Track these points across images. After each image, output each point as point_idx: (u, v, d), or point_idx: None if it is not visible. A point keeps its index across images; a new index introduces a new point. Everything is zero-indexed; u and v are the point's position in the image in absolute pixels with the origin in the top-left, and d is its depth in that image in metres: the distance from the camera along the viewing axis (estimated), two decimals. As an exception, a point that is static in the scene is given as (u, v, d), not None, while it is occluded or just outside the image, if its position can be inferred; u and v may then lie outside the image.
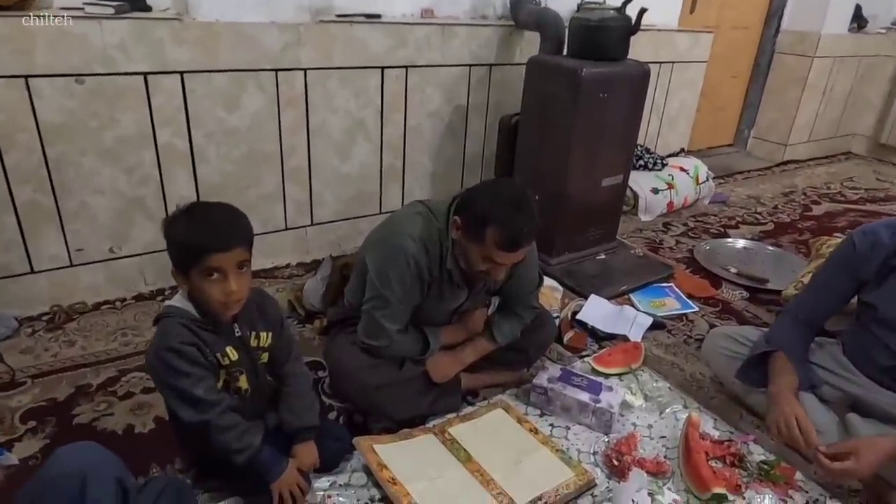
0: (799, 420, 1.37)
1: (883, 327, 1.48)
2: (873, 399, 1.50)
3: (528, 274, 1.57)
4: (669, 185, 3.14)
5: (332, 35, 2.16)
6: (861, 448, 1.28)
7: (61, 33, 1.72)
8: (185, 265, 1.12)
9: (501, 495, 1.31)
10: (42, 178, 1.84)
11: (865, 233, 1.54)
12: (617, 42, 2.18)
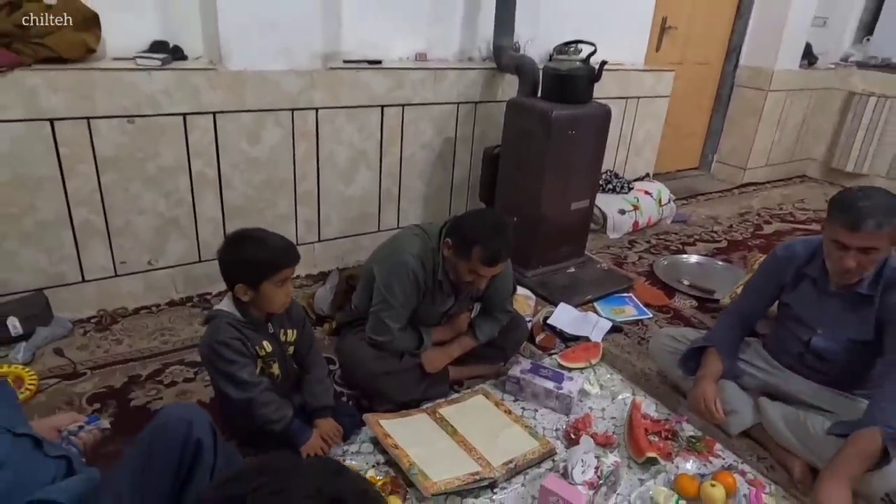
0: (707, 400, 1.75)
1: (795, 322, 1.86)
2: (784, 386, 1.88)
3: (504, 284, 1.93)
4: (635, 206, 3.53)
5: (340, 79, 2.53)
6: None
7: (117, 81, 2.07)
8: (259, 278, 1.46)
9: (481, 460, 1.66)
10: (96, 201, 2.17)
11: (785, 247, 1.93)
12: (582, 88, 2.57)
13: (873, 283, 1.70)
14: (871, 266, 1.66)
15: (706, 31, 4.41)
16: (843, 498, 1.42)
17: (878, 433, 1.51)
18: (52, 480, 1.11)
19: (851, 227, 1.59)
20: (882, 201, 1.62)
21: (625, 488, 1.64)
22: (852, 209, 1.60)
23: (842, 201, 1.65)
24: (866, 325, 1.72)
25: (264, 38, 2.28)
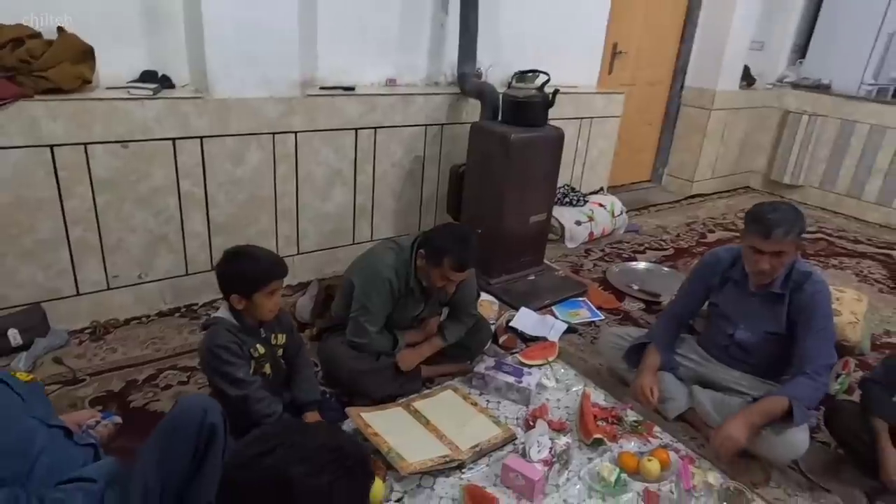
0: (643, 388, 2.03)
1: (722, 319, 2.15)
2: (714, 375, 2.17)
3: (469, 290, 2.17)
4: (590, 217, 3.83)
5: (317, 105, 2.75)
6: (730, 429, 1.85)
7: (112, 109, 2.25)
8: (252, 289, 1.67)
9: (451, 445, 1.88)
10: (91, 220, 2.34)
11: (711, 254, 2.24)
12: (538, 113, 2.85)
13: (784, 284, 2.00)
14: (781, 268, 1.95)
15: (654, 56, 4.78)
16: (736, 430, 1.78)
17: (786, 400, 1.81)
18: (82, 464, 1.31)
19: (764, 235, 1.89)
20: (788, 214, 1.93)
21: (575, 465, 1.89)
22: (764, 221, 1.90)
23: (755, 214, 1.95)
24: (779, 319, 2.02)
25: (247, 69, 2.49)
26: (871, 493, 1.91)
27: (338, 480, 0.87)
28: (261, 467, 0.85)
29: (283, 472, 0.84)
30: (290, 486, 0.83)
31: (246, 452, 0.91)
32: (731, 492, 1.82)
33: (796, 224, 1.91)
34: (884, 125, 4.77)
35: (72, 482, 1.22)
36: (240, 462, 0.90)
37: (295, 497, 0.84)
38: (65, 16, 2.21)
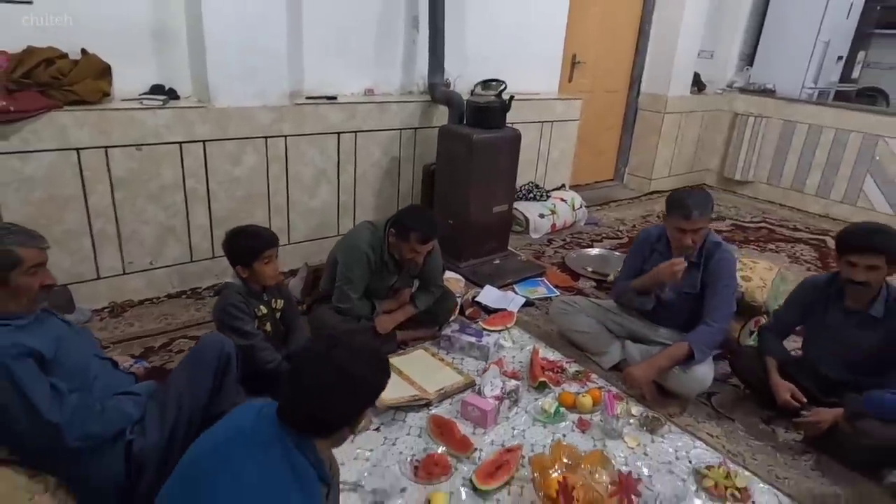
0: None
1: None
2: (642, 331, 2.58)
3: (435, 264, 2.58)
4: (552, 211, 4.25)
5: (304, 112, 3.15)
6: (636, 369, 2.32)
7: (128, 118, 2.64)
8: (251, 259, 2.05)
9: (420, 389, 2.27)
10: (110, 214, 2.71)
11: (643, 231, 2.66)
12: (497, 117, 3.27)
13: (699, 254, 2.42)
14: (699, 241, 2.37)
15: (612, 65, 5.24)
16: (644, 371, 2.24)
17: (686, 345, 2.23)
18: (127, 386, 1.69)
19: (686, 217, 2.31)
20: (701, 198, 2.36)
21: (523, 403, 2.29)
22: (684, 205, 2.32)
23: (676, 201, 2.36)
24: (695, 282, 2.44)
25: (243, 82, 2.89)
26: (767, 419, 2.33)
27: (377, 372, 1.21)
28: (328, 361, 1.13)
29: (346, 366, 1.12)
30: (351, 377, 1.13)
31: (314, 348, 1.24)
32: (649, 419, 2.23)
33: (708, 205, 2.34)
34: (820, 125, 5.26)
35: (122, 395, 1.60)
36: (308, 356, 1.20)
37: (355, 383, 1.14)
38: (87, 39, 2.60)
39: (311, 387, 1.10)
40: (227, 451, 1.08)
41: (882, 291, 2.07)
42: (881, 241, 1.98)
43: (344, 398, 1.12)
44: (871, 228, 2.06)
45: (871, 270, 1.99)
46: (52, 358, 1.48)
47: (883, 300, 2.07)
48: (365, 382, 1.15)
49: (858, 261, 2.00)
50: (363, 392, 1.15)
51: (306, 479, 1.06)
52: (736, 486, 1.92)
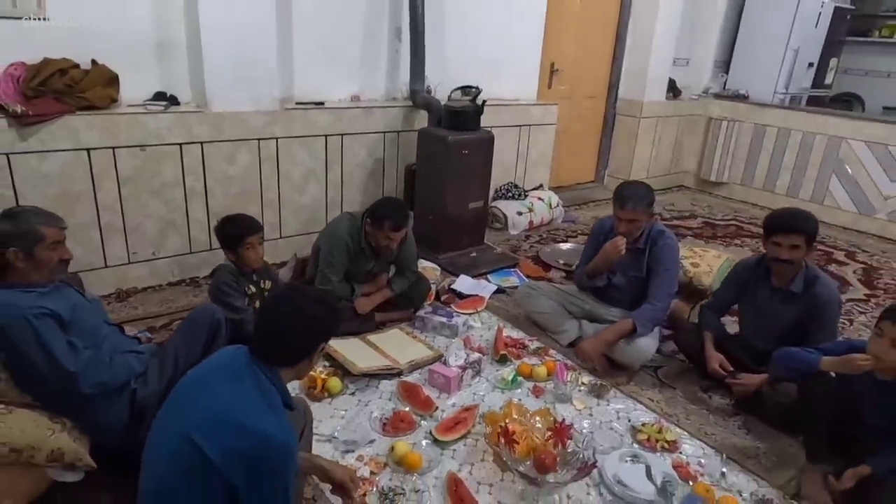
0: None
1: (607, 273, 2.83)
2: (597, 311, 2.85)
3: (410, 251, 2.86)
4: (530, 209, 4.53)
5: (294, 117, 3.44)
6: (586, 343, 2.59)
7: (134, 121, 2.93)
8: (235, 244, 2.34)
9: (393, 360, 2.54)
10: (116, 208, 3.00)
11: (597, 222, 2.93)
12: (471, 120, 3.56)
13: (645, 241, 2.69)
14: (635, 230, 2.65)
15: (590, 72, 5.53)
16: (593, 345, 2.51)
17: (630, 321, 2.50)
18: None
19: (621, 206, 2.59)
20: (639, 190, 2.63)
21: (486, 374, 2.56)
22: (620, 196, 2.60)
23: (617, 192, 2.65)
24: (641, 267, 2.71)
25: (238, 89, 3.18)
26: (705, 388, 2.59)
27: (330, 313, 1.47)
28: (290, 303, 1.41)
29: (304, 307, 1.40)
30: (309, 317, 1.39)
31: (280, 295, 1.53)
32: (597, 386, 2.50)
33: (644, 198, 2.61)
34: (788, 128, 5.54)
35: (128, 353, 1.87)
36: (275, 300, 1.51)
37: (312, 321, 1.40)
38: (97, 51, 2.89)
39: (277, 324, 1.37)
40: (206, 380, 1.35)
41: (801, 270, 2.34)
42: (801, 223, 2.26)
43: (302, 333, 1.39)
44: (793, 212, 2.35)
45: (793, 249, 2.26)
46: (69, 320, 1.76)
47: (802, 277, 2.34)
48: (319, 321, 1.42)
49: (782, 241, 2.27)
50: (318, 329, 1.42)
51: (273, 400, 1.33)
52: (666, 439, 2.19)
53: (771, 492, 2.00)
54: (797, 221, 2.27)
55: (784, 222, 2.29)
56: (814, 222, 2.30)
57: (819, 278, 2.33)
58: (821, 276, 2.34)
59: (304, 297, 1.44)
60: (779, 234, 2.27)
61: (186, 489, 1.25)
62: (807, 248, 2.26)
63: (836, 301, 2.32)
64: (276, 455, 1.24)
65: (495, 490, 1.92)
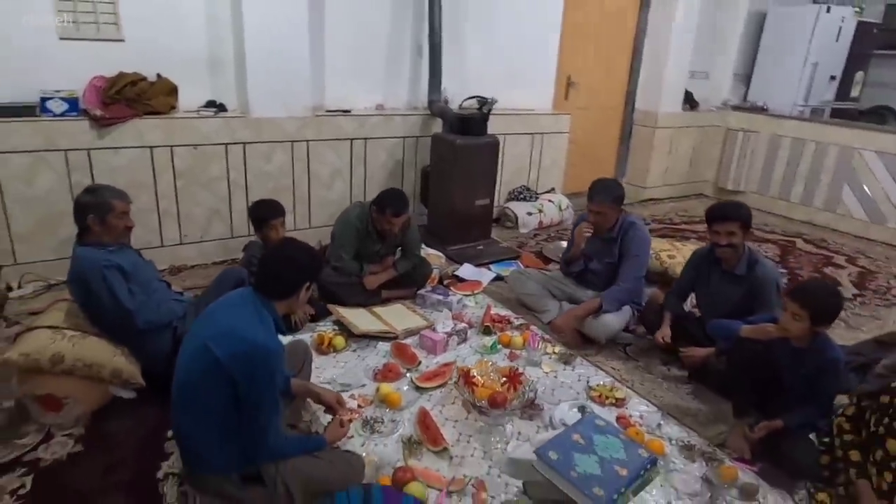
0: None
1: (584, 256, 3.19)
2: (576, 293, 3.22)
3: (413, 236, 3.31)
4: (540, 210, 4.91)
5: (323, 122, 3.97)
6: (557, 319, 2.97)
7: (188, 125, 3.51)
8: (261, 224, 2.86)
9: (392, 327, 2.98)
10: (171, 197, 3.58)
11: (579, 216, 3.29)
12: (478, 126, 3.99)
13: (617, 231, 3.05)
14: (605, 221, 3.01)
15: (607, 84, 5.88)
16: (564, 320, 2.88)
17: (598, 300, 2.86)
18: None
19: (590, 199, 2.97)
20: (606, 186, 3.01)
21: (471, 341, 2.97)
22: (591, 191, 2.99)
23: (590, 187, 3.02)
24: (613, 254, 3.06)
25: (275, 99, 3.73)
26: (665, 362, 2.91)
27: (311, 260, 1.93)
28: (283, 251, 1.87)
29: (292, 254, 1.86)
30: (296, 260, 1.85)
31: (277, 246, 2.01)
32: (567, 354, 2.87)
33: (610, 193, 2.97)
34: (803, 138, 5.71)
35: (173, 301, 2.39)
36: (273, 249, 1.98)
37: (298, 264, 1.84)
38: (161, 66, 3.49)
39: (272, 265, 1.84)
40: (220, 307, 1.82)
41: (745, 254, 2.65)
42: (732, 211, 2.60)
43: (290, 273, 1.84)
44: (727, 203, 2.71)
45: (730, 235, 2.59)
46: (130, 272, 2.29)
47: (745, 261, 2.65)
48: (303, 264, 1.87)
49: (720, 229, 2.60)
50: (302, 270, 1.87)
51: (268, 324, 1.78)
52: (615, 397, 2.54)
53: (698, 440, 2.32)
54: (729, 210, 2.61)
55: (718, 212, 2.62)
56: (745, 210, 2.62)
57: (759, 262, 2.63)
58: (760, 260, 2.65)
59: (293, 247, 1.91)
60: (716, 223, 2.60)
61: (202, 381, 1.72)
62: (742, 233, 2.58)
63: (773, 280, 2.61)
64: (263, 357, 1.69)
65: (459, 425, 2.32)
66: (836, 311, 2.12)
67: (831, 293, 2.14)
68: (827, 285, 2.26)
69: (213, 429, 1.75)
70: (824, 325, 2.11)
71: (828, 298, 2.10)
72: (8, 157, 3.07)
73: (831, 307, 2.10)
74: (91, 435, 2.16)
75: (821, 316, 2.08)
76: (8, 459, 2.01)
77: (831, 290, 2.17)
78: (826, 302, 2.09)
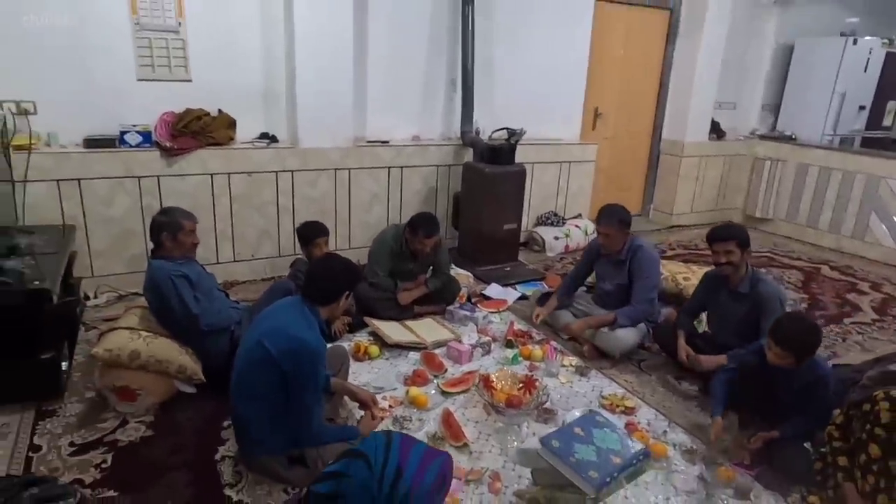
0: (540, 312, 3.32)
1: (598, 279, 3.43)
2: (592, 311, 3.43)
3: (443, 256, 3.60)
4: (566, 235, 5.15)
5: (364, 152, 4.34)
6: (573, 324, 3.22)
7: (244, 154, 3.92)
8: (306, 242, 3.21)
9: (422, 339, 3.26)
10: (228, 219, 3.98)
11: (591, 241, 3.54)
12: (507, 155, 4.29)
13: (625, 253, 3.27)
14: (612, 243, 3.24)
15: (634, 115, 6.12)
16: (578, 324, 3.14)
17: (612, 315, 3.10)
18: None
19: (598, 222, 3.22)
20: (611, 209, 3.24)
21: (494, 353, 3.22)
22: (599, 214, 3.23)
23: (598, 211, 3.27)
24: (623, 275, 3.29)
25: (322, 130, 4.12)
26: (677, 377, 3.09)
27: (350, 273, 2.25)
28: (326, 263, 2.22)
29: (333, 266, 2.20)
30: (336, 271, 2.20)
31: (321, 260, 2.34)
32: (583, 367, 3.09)
33: (615, 217, 3.20)
34: (829, 167, 5.81)
35: (231, 308, 2.74)
36: (318, 263, 2.32)
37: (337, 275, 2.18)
38: (222, 102, 3.93)
39: (318, 275, 2.16)
40: (273, 310, 2.14)
41: (748, 273, 2.84)
42: (726, 231, 2.82)
43: (331, 283, 2.16)
44: (724, 225, 2.91)
45: (728, 254, 2.79)
46: (195, 281, 2.65)
47: (748, 279, 2.84)
48: (344, 275, 2.19)
49: (718, 248, 2.81)
50: (341, 281, 2.19)
51: (313, 325, 2.08)
52: (626, 405, 2.74)
53: (701, 446, 2.50)
54: (722, 231, 2.84)
55: (714, 233, 2.84)
56: (738, 230, 2.85)
57: (761, 280, 2.82)
58: (763, 279, 2.84)
59: (336, 260, 2.23)
60: (714, 243, 2.81)
61: (257, 372, 2.03)
62: (741, 251, 2.77)
63: (776, 297, 2.77)
64: (309, 353, 1.99)
65: (479, 425, 2.57)
66: (816, 346, 2.29)
67: (809, 331, 2.29)
68: (804, 323, 2.36)
69: (265, 415, 2.06)
70: (808, 357, 2.29)
71: (806, 338, 2.27)
72: (92, 182, 3.52)
73: (810, 345, 2.27)
74: (159, 422, 2.50)
75: (803, 354, 2.26)
76: (92, 439, 2.36)
77: (808, 328, 2.31)
78: (805, 342, 2.26)
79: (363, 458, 1.17)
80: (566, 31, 5.16)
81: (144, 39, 3.64)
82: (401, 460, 1.16)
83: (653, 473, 2.28)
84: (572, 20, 5.18)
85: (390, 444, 1.19)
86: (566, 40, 5.20)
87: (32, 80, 3.38)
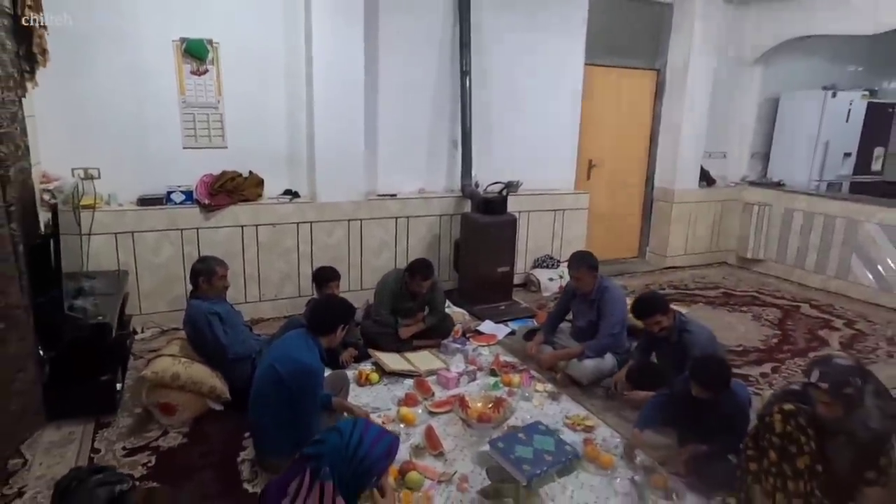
0: (531, 346, 3.79)
1: (574, 316, 3.91)
2: (568, 344, 3.89)
3: (439, 296, 4.13)
4: (560, 276, 5.62)
5: (374, 205, 4.95)
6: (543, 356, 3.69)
7: (270, 209, 4.57)
8: (320, 286, 3.79)
9: (416, 367, 3.76)
10: (255, 264, 4.60)
11: (568, 283, 4.03)
12: (499, 206, 4.85)
13: (595, 294, 3.75)
14: (584, 285, 3.72)
15: (627, 165, 6.64)
16: (547, 357, 3.59)
17: (580, 347, 3.56)
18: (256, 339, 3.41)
19: (569, 268, 3.72)
20: (580, 255, 3.75)
21: (479, 381, 3.70)
22: (569, 260, 3.74)
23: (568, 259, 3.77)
24: (594, 313, 3.76)
25: (337, 187, 4.75)
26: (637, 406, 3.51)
27: (345, 308, 2.80)
28: (326, 301, 2.82)
29: (331, 303, 2.79)
30: (333, 307, 2.76)
31: (321, 298, 2.91)
32: (553, 391, 3.54)
33: (584, 262, 3.70)
34: (812, 211, 6.19)
35: (253, 340, 3.31)
36: (318, 300, 2.89)
37: (334, 310, 2.75)
38: (252, 164, 4.60)
39: (318, 312, 2.72)
40: (284, 340, 2.69)
41: (675, 325, 3.25)
42: (645, 308, 3.22)
43: (329, 317, 2.71)
44: (643, 300, 3.29)
45: (658, 324, 3.22)
46: (225, 318, 3.23)
47: (676, 330, 3.25)
48: (339, 311, 2.73)
49: (647, 322, 3.25)
50: (338, 315, 2.73)
51: (313, 351, 2.62)
52: (586, 424, 3.18)
53: (646, 459, 2.92)
54: (642, 308, 3.23)
55: (639, 312, 3.24)
56: (655, 302, 3.23)
57: (685, 330, 3.20)
58: (688, 328, 3.20)
59: (334, 300, 2.79)
60: (641, 318, 3.25)
61: (270, 389, 2.57)
62: (665, 317, 3.19)
63: (699, 342, 3.13)
64: (309, 373, 2.53)
65: (456, 439, 3.04)
66: (728, 380, 2.72)
67: (719, 370, 2.73)
68: (714, 363, 2.78)
69: (275, 423, 2.59)
70: (725, 389, 2.72)
71: (717, 376, 2.70)
72: (143, 234, 4.19)
73: (723, 380, 2.71)
74: (193, 433, 3.04)
75: (719, 388, 2.70)
76: (140, 445, 2.92)
77: (718, 367, 2.74)
78: (717, 378, 2.70)
79: (337, 431, 1.68)
80: (559, 92, 5.77)
81: (189, 115, 4.35)
82: (363, 433, 1.67)
83: (597, 478, 2.72)
84: (564, 83, 5.79)
85: (356, 423, 1.72)
86: (560, 99, 5.80)
87: (98, 150, 4.11)
